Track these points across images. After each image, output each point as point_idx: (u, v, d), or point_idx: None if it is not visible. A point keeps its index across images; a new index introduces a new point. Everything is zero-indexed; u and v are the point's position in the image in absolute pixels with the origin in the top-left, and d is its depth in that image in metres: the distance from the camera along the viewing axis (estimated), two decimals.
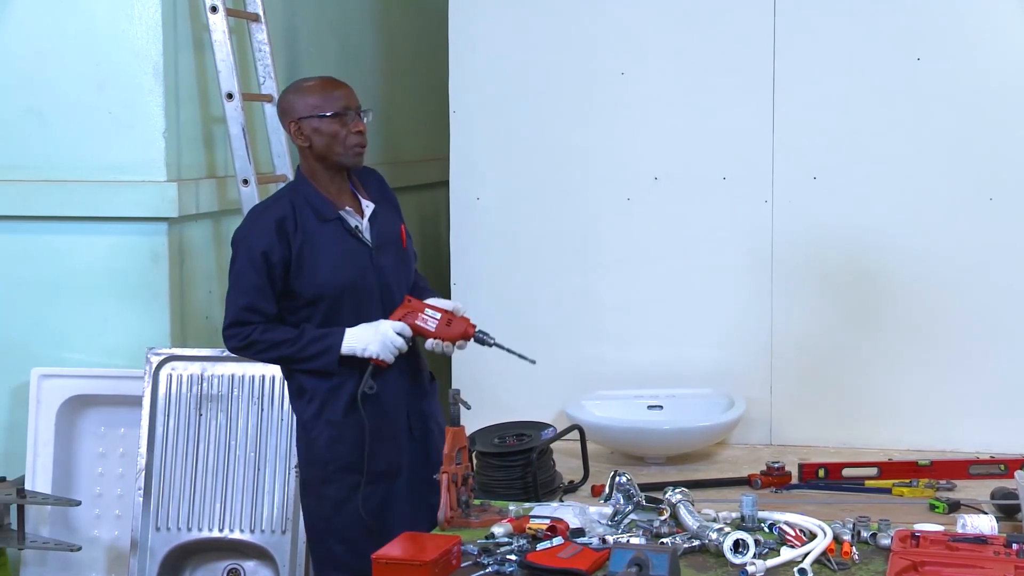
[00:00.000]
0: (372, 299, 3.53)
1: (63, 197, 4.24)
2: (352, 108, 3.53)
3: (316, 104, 3.50)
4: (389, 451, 3.54)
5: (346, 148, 3.51)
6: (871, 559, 2.93)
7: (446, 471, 3.25)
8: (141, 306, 4.26)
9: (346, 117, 3.51)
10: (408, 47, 6.23)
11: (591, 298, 4.87)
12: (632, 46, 4.80)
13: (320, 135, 3.50)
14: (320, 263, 3.47)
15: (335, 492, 3.52)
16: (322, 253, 3.48)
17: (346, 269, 3.49)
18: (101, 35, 4.23)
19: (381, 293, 3.55)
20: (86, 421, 4.27)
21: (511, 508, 3.33)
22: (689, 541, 2.99)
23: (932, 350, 4.65)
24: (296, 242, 3.46)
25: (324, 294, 3.47)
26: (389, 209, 3.67)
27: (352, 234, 3.52)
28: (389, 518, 3.53)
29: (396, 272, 3.60)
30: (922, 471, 4.14)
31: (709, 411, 4.61)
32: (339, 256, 3.49)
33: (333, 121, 3.49)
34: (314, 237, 3.48)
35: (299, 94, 3.55)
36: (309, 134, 3.50)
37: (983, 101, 4.58)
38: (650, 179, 4.82)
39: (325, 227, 3.49)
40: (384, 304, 3.53)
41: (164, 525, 4.07)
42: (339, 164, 3.53)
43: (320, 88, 3.56)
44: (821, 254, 4.71)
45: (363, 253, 3.53)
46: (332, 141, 3.50)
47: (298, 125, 3.51)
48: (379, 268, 3.55)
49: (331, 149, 3.51)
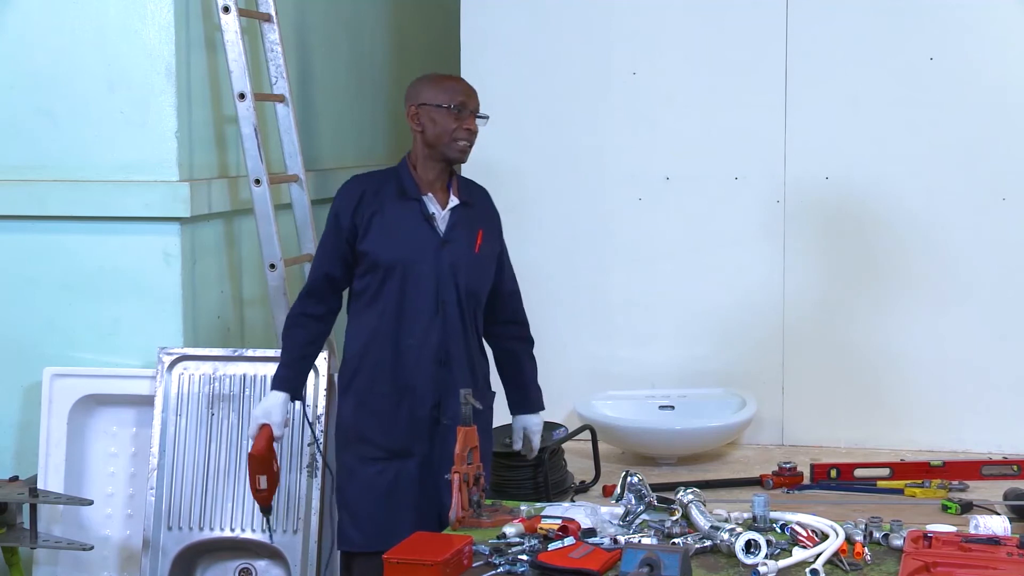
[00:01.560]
0: (429, 286, 3.65)
1: (75, 197, 4.25)
2: (470, 108, 3.69)
3: (438, 95, 3.68)
4: (407, 433, 3.65)
5: (452, 141, 3.67)
6: (883, 560, 2.92)
7: (457, 471, 3.25)
8: (153, 306, 4.26)
9: (462, 114, 3.67)
10: (420, 47, 6.23)
11: (603, 298, 4.87)
12: (644, 46, 4.80)
13: (433, 124, 3.67)
14: (383, 233, 3.65)
15: (349, 460, 3.71)
16: (389, 225, 3.65)
17: (405, 247, 3.65)
18: (113, 35, 4.24)
19: (439, 283, 3.65)
20: (98, 420, 4.27)
21: (523, 508, 3.33)
22: (701, 541, 2.99)
23: (945, 351, 4.64)
24: (368, 210, 3.66)
25: (378, 263, 3.64)
26: (478, 216, 3.78)
27: (426, 218, 3.67)
28: (397, 499, 3.65)
29: (466, 271, 3.69)
30: (934, 472, 4.14)
31: (721, 411, 4.61)
32: (403, 232, 3.66)
33: (449, 114, 3.65)
34: (388, 209, 3.67)
35: (427, 82, 3.74)
36: (424, 121, 3.67)
37: (996, 101, 4.57)
38: (662, 179, 4.82)
39: (402, 204, 3.67)
40: (441, 296, 3.66)
41: (176, 524, 4.07)
42: (443, 156, 3.69)
43: (447, 82, 3.74)
44: (832, 254, 4.70)
45: (430, 240, 3.66)
46: (442, 132, 3.66)
47: (416, 110, 3.69)
48: (441, 259, 3.66)
49: (439, 139, 3.67)
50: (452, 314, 3.68)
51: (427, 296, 3.66)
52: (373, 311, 3.68)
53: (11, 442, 4.36)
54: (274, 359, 4.11)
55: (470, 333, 3.73)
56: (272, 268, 4.35)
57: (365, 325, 3.70)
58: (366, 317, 3.70)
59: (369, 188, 3.72)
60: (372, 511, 3.66)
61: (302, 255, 4.59)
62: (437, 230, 3.68)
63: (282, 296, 4.34)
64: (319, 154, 5.17)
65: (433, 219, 3.68)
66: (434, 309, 3.66)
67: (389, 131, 5.91)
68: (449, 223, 3.70)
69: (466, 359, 3.71)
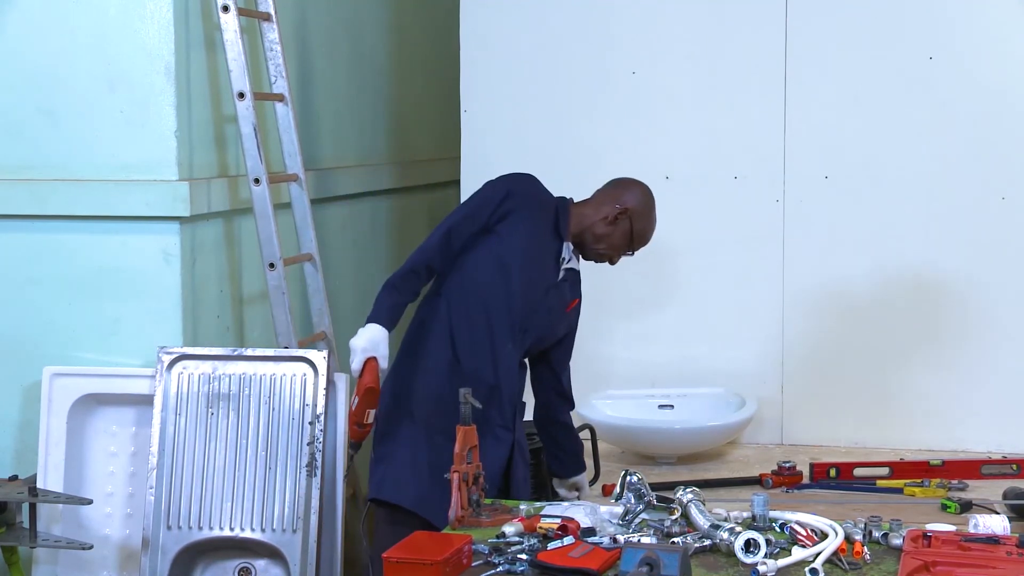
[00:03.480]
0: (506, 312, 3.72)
1: (74, 196, 4.25)
2: (635, 249, 3.87)
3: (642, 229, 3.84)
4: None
5: (600, 254, 3.85)
6: (883, 559, 2.92)
7: (457, 470, 3.25)
8: (152, 305, 4.26)
9: (628, 250, 3.86)
10: (420, 46, 6.23)
11: (601, 297, 4.87)
12: (643, 45, 4.80)
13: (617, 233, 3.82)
14: (519, 232, 3.71)
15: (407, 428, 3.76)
16: (528, 231, 3.72)
17: (519, 269, 3.71)
18: (113, 34, 4.24)
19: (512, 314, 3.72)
20: (98, 420, 4.27)
21: (522, 507, 3.33)
22: (700, 541, 2.99)
23: (944, 350, 4.64)
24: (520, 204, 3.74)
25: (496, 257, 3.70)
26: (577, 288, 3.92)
27: (555, 258, 3.80)
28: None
29: (548, 319, 3.80)
30: (934, 471, 4.14)
31: (720, 410, 4.61)
32: (534, 248, 3.74)
33: (626, 244, 3.84)
34: (535, 220, 3.76)
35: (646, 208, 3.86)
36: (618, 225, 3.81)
37: (995, 100, 4.58)
38: (661, 178, 4.82)
39: (548, 232, 3.78)
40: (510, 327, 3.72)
41: (175, 524, 4.07)
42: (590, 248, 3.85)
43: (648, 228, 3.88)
44: (832, 253, 4.70)
45: (545, 277, 3.77)
46: (611, 245, 3.82)
47: (617, 215, 3.80)
48: (537, 299, 3.75)
49: (604, 243, 3.82)
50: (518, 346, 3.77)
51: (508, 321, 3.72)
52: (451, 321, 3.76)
53: (11, 441, 4.36)
54: (274, 358, 4.13)
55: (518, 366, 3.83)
56: (272, 267, 4.35)
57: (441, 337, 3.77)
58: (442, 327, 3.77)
59: (534, 193, 3.80)
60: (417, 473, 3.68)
61: (302, 254, 4.59)
62: (558, 271, 3.81)
63: (282, 295, 4.34)
64: (319, 153, 5.17)
65: (561, 262, 3.80)
66: (510, 333, 3.73)
67: (389, 130, 5.91)
68: (562, 275, 3.82)
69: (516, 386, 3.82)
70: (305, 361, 4.11)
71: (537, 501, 3.55)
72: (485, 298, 3.73)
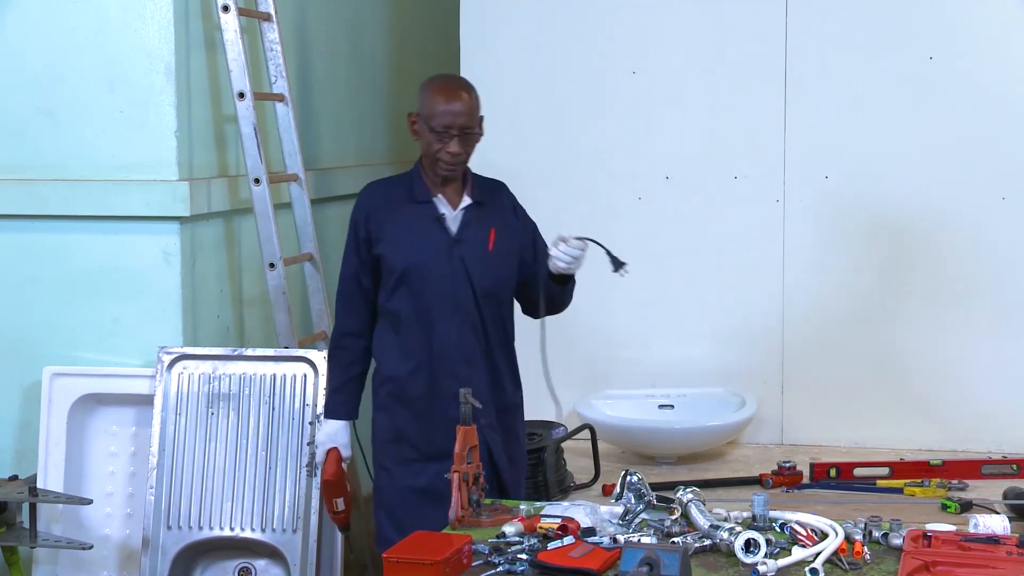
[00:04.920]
0: (451, 287, 3.64)
1: (74, 196, 4.25)
2: (453, 128, 3.60)
3: (426, 111, 3.64)
4: (443, 435, 3.54)
5: (434, 162, 3.65)
6: (883, 559, 2.92)
7: (457, 470, 3.25)
8: (153, 305, 4.26)
9: (443, 136, 3.61)
10: (420, 46, 6.23)
11: (602, 297, 4.87)
12: (643, 45, 4.80)
13: (421, 138, 3.67)
14: (396, 238, 3.66)
15: (387, 462, 3.73)
16: (401, 229, 3.66)
17: (417, 250, 3.65)
18: (113, 34, 4.23)
19: (454, 284, 3.65)
20: (98, 420, 4.27)
21: (522, 507, 3.33)
22: (700, 541, 2.99)
23: (944, 350, 4.64)
24: (380, 217, 3.68)
25: (394, 268, 3.65)
26: (493, 214, 3.74)
27: (436, 219, 3.66)
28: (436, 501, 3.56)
29: (480, 271, 3.67)
30: (934, 471, 4.14)
31: (720, 411, 4.61)
32: (415, 235, 3.66)
33: (432, 134, 3.62)
34: (400, 214, 3.67)
35: (423, 90, 3.69)
36: (418, 131, 3.67)
37: (995, 100, 4.57)
38: (661, 178, 4.82)
39: (413, 207, 3.68)
40: (457, 296, 3.64)
41: (175, 524, 4.07)
42: (432, 169, 3.68)
43: (436, 96, 3.64)
44: (832, 253, 4.70)
45: (441, 240, 3.66)
46: (427, 148, 3.66)
47: (413, 119, 3.69)
48: (453, 259, 3.65)
49: (426, 155, 3.68)
50: (471, 315, 3.67)
51: (445, 298, 3.66)
52: (396, 316, 3.69)
53: (11, 441, 4.36)
54: (274, 358, 4.13)
55: (492, 334, 3.72)
56: (272, 267, 4.35)
57: (390, 330, 3.71)
58: (390, 321, 3.71)
59: (381, 195, 3.74)
60: (410, 513, 3.65)
61: (302, 254, 4.59)
62: (448, 230, 3.68)
63: (282, 295, 4.34)
64: (319, 153, 5.17)
65: (443, 220, 3.68)
66: (452, 310, 3.66)
67: (389, 130, 5.90)
68: (461, 223, 3.69)
69: (488, 360, 3.71)
70: (305, 361, 4.12)
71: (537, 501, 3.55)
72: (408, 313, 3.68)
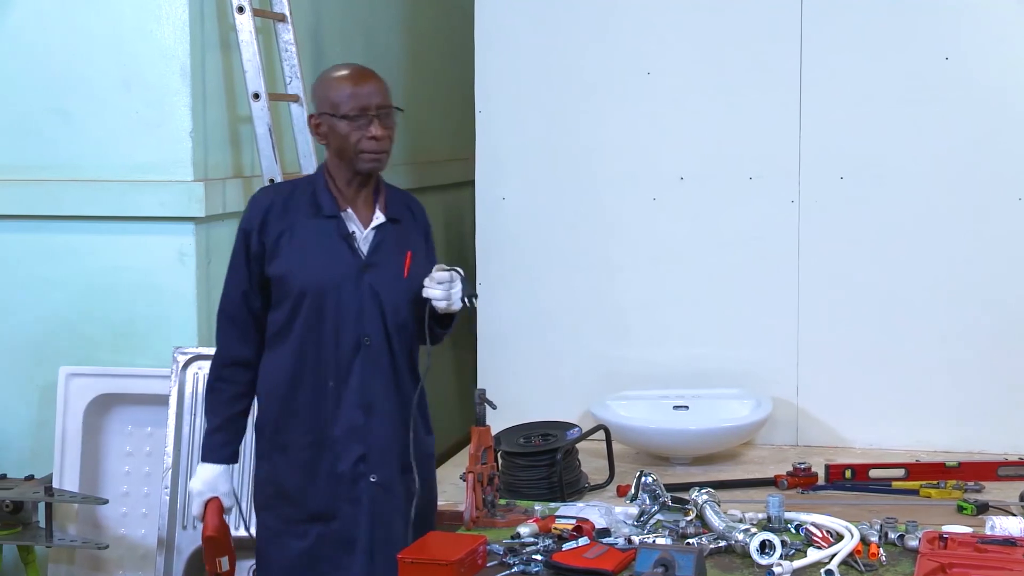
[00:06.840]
0: (349, 318, 3.21)
1: (90, 197, 4.26)
2: (370, 110, 3.21)
3: (334, 102, 3.21)
4: (328, 492, 3.23)
5: (357, 153, 3.21)
6: (899, 561, 2.92)
7: (471, 471, 3.25)
8: (168, 305, 4.27)
9: (362, 120, 3.20)
10: (434, 47, 6.24)
11: (616, 298, 4.87)
12: (658, 45, 4.79)
13: (334, 135, 3.22)
14: (294, 256, 3.21)
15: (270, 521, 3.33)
16: (302, 247, 3.21)
17: (319, 272, 3.20)
18: (128, 35, 4.25)
19: (361, 314, 3.22)
20: (113, 420, 4.29)
21: (537, 508, 3.33)
22: (715, 542, 2.99)
23: (960, 350, 4.62)
24: (276, 228, 3.22)
25: (289, 290, 3.21)
26: (409, 235, 3.33)
27: (344, 238, 3.24)
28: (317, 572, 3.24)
29: (393, 300, 3.24)
30: (950, 472, 4.12)
31: (735, 411, 4.60)
32: (318, 255, 3.21)
33: (347, 123, 3.19)
34: (299, 229, 3.22)
35: (321, 86, 3.28)
36: (325, 132, 3.24)
37: (1011, 100, 4.55)
38: (676, 179, 4.81)
39: (317, 223, 3.22)
40: (363, 329, 3.22)
41: (191, 523, 4.08)
42: (353, 168, 3.23)
43: (341, 83, 3.23)
44: (847, 254, 4.69)
45: (350, 263, 3.22)
46: (344, 143, 3.21)
47: (316, 121, 3.26)
48: (362, 286, 3.22)
49: (343, 151, 3.22)
50: (378, 351, 3.22)
51: (347, 330, 3.20)
52: (287, 347, 3.24)
53: (27, 441, 4.37)
54: None
55: (402, 374, 3.28)
56: None
57: (279, 364, 3.25)
58: (280, 354, 3.25)
59: (279, 203, 3.24)
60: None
61: None
62: (358, 252, 3.23)
63: None
64: None
65: (353, 239, 3.22)
66: (355, 345, 3.21)
67: (403, 131, 5.89)
68: (373, 243, 3.24)
69: (396, 404, 3.26)
70: None
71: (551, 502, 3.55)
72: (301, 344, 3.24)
